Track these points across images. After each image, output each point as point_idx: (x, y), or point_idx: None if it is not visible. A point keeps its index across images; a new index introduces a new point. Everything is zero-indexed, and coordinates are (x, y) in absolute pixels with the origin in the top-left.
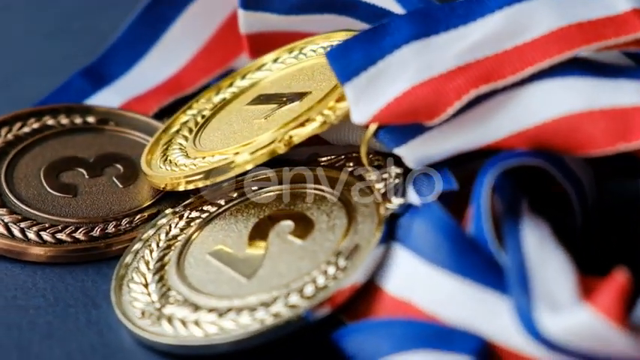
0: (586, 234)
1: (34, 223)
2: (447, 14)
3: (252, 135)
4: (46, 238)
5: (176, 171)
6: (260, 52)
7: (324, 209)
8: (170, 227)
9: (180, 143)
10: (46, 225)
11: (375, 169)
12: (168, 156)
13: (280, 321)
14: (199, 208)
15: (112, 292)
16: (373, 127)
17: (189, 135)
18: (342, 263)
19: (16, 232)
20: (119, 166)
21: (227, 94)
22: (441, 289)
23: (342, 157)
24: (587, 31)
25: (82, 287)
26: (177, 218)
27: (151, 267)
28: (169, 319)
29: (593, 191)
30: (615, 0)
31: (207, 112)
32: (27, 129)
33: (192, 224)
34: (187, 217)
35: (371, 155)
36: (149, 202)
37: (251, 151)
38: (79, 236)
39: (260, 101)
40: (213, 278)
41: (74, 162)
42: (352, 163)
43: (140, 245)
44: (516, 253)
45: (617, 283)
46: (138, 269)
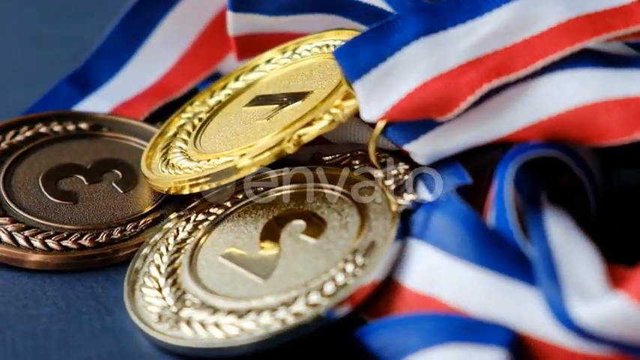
0: (597, 223)
1: (38, 231)
2: (453, 10)
3: (255, 136)
4: (52, 245)
5: (180, 174)
6: (248, 54)
7: (335, 207)
8: (178, 231)
9: (181, 147)
10: (50, 233)
11: (382, 166)
12: (169, 160)
13: (302, 320)
14: (206, 211)
15: (126, 298)
16: (381, 125)
17: (188, 138)
18: (359, 260)
19: (21, 241)
20: (117, 171)
21: (222, 97)
22: (466, 282)
23: (347, 155)
24: (595, 23)
25: (93, 294)
26: (184, 222)
27: (162, 271)
28: (188, 322)
29: (601, 180)
30: None
31: (203, 115)
32: (20, 137)
33: (199, 227)
34: (194, 221)
35: (377, 153)
36: (152, 207)
37: (258, 152)
38: (85, 243)
39: (259, 102)
40: (228, 280)
41: (71, 169)
42: (358, 161)
43: (148, 250)
44: (543, 244)
45: None
46: (149, 274)
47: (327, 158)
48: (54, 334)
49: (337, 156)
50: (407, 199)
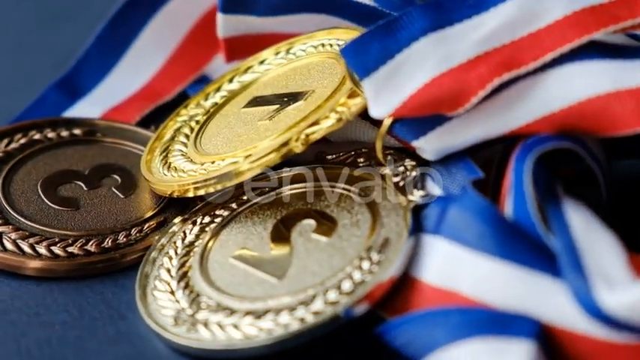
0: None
1: (43, 238)
2: (459, 5)
3: (259, 137)
4: (58, 252)
5: (184, 177)
6: (237, 56)
7: (343, 206)
8: (185, 234)
9: (181, 149)
10: (55, 239)
11: (388, 163)
12: (171, 163)
13: (321, 319)
14: (211, 213)
15: (139, 302)
16: (388, 122)
17: (187, 141)
18: (375, 257)
19: (26, 248)
20: (116, 176)
21: (217, 99)
22: (488, 275)
23: (351, 153)
24: (601, 14)
25: (103, 299)
26: (190, 224)
27: (173, 274)
28: (205, 324)
29: (609, 171)
30: None
31: (200, 118)
32: (15, 145)
33: (206, 229)
34: (201, 223)
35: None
36: (154, 210)
37: (265, 153)
38: (91, 248)
39: (257, 103)
40: (241, 281)
41: (70, 175)
42: (362, 159)
43: (157, 254)
44: (565, 235)
45: None
46: (160, 277)
47: (330, 157)
48: (69, 341)
49: (341, 154)
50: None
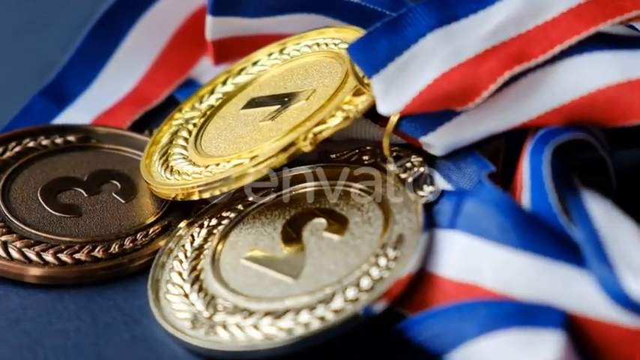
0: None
1: (49, 245)
2: (463, 1)
3: (263, 137)
4: (65, 259)
5: (189, 179)
6: (225, 58)
7: (352, 204)
8: (193, 237)
9: (181, 152)
10: (61, 247)
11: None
12: (173, 166)
13: (342, 317)
14: (218, 216)
15: (153, 307)
16: (395, 119)
17: (186, 144)
18: (391, 254)
19: (33, 257)
20: (115, 182)
21: (213, 101)
22: (511, 267)
23: (355, 151)
24: (606, 6)
25: (115, 305)
26: (197, 227)
27: (185, 277)
28: (224, 326)
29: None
30: None
31: (197, 120)
32: (10, 153)
33: (214, 232)
34: (208, 226)
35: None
36: (158, 215)
37: (272, 153)
38: (98, 255)
39: (256, 104)
40: (256, 282)
41: (68, 182)
42: (367, 157)
43: (166, 258)
44: (587, 225)
45: None
46: (172, 281)
47: (333, 156)
48: (86, 348)
49: (345, 152)
50: (426, 190)
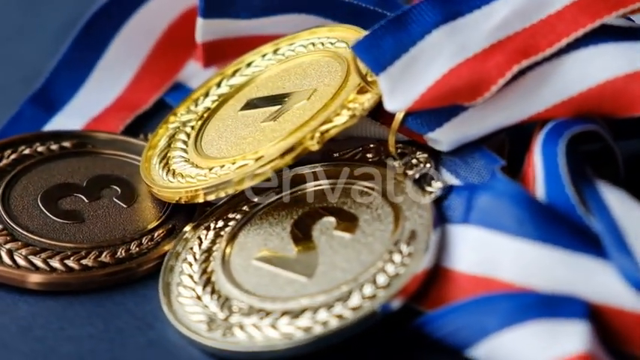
0: None
1: (55, 252)
2: None
3: (267, 138)
4: (72, 265)
5: (193, 182)
6: (215, 61)
7: (360, 201)
8: (201, 240)
9: (182, 156)
10: (67, 253)
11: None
12: (175, 170)
13: (361, 314)
14: (224, 217)
15: (166, 311)
16: (401, 115)
17: (185, 147)
18: (405, 250)
19: (39, 264)
20: (115, 187)
21: (209, 103)
22: (530, 260)
23: (359, 149)
24: None
25: (126, 310)
26: (204, 230)
27: (196, 280)
28: (241, 327)
29: None
30: None
31: (194, 123)
32: (6, 161)
33: (221, 233)
34: (215, 228)
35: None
36: (162, 218)
37: (279, 153)
38: (106, 260)
39: (255, 105)
40: (269, 282)
41: (68, 188)
42: (371, 155)
43: (174, 262)
44: (605, 215)
45: None
46: (183, 284)
47: (336, 155)
48: (101, 354)
49: (349, 151)
50: (435, 186)
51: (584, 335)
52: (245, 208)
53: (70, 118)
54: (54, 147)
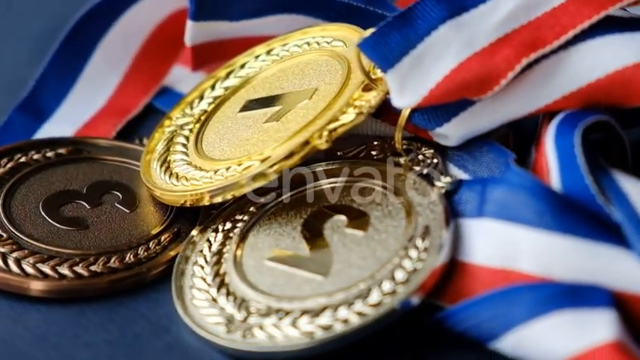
0: None
1: (62, 259)
2: None
3: (271, 138)
4: (81, 272)
5: (199, 184)
6: (204, 63)
7: (369, 198)
8: (210, 242)
9: (183, 159)
10: (76, 260)
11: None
12: (178, 173)
13: (382, 310)
14: (231, 219)
15: (182, 314)
16: (407, 112)
17: (185, 149)
18: (421, 245)
19: (48, 271)
20: (115, 192)
21: (205, 106)
22: (551, 251)
23: (362, 147)
24: None
25: (140, 315)
26: (212, 232)
27: (210, 282)
28: (261, 328)
29: None
30: None
31: (192, 126)
32: (3, 170)
33: (230, 235)
34: (223, 230)
35: (390, 140)
36: (166, 222)
37: (287, 153)
38: (115, 265)
39: (254, 106)
40: (285, 282)
41: (69, 195)
42: (376, 152)
43: (185, 265)
44: (625, 204)
45: None
46: (196, 287)
47: (339, 153)
48: (120, 359)
49: (352, 149)
50: (443, 181)
51: (613, 323)
52: (252, 209)
53: (60, 126)
54: (50, 154)
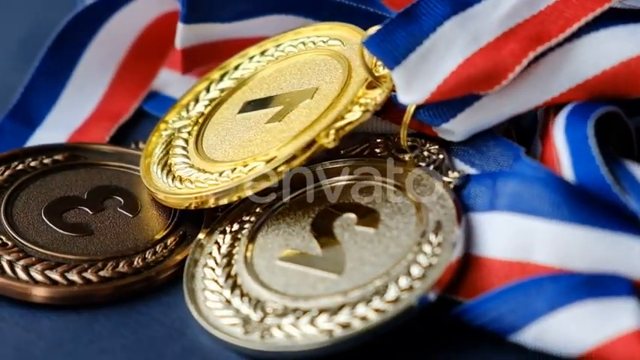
0: None
1: (70, 266)
2: None
3: (275, 138)
4: (90, 277)
5: (204, 186)
6: (194, 66)
7: (377, 196)
8: (218, 244)
9: (184, 162)
10: (84, 265)
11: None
12: (180, 176)
13: (400, 307)
14: (238, 220)
15: (197, 317)
16: (412, 108)
17: (186, 152)
18: (434, 240)
19: (57, 278)
20: (117, 197)
21: (201, 108)
22: (567, 242)
23: (366, 145)
24: None
25: (154, 319)
26: (220, 234)
27: (222, 284)
28: (279, 328)
29: None
30: None
31: (190, 129)
32: (2, 177)
33: (239, 236)
34: (231, 231)
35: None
36: (171, 225)
37: (293, 153)
38: (123, 270)
39: (253, 107)
40: (299, 281)
41: (70, 201)
42: (379, 149)
43: (194, 268)
44: None
45: None
46: (208, 289)
47: (346, 151)
48: None
49: (355, 147)
50: (451, 176)
51: (636, 312)
52: (258, 210)
53: (52, 132)
54: (47, 161)
